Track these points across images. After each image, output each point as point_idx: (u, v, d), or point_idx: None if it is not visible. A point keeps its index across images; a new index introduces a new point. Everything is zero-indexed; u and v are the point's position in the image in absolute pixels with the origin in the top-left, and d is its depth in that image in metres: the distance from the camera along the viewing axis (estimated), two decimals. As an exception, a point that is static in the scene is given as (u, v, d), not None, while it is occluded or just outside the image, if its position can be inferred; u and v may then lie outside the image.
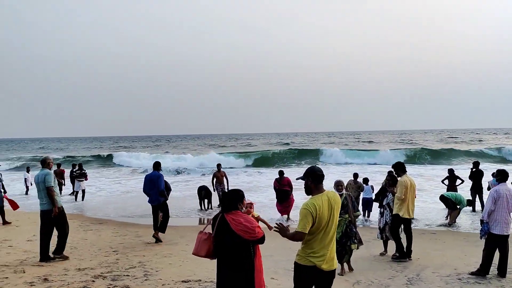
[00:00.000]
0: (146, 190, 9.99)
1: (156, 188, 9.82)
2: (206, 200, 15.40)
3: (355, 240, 7.42)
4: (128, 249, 8.98)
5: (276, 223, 4.10)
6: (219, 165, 16.21)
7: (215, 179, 15.69)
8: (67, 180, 19.89)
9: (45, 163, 8.14)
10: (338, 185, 7.47)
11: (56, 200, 7.86)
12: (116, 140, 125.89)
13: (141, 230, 11.55)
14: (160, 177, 9.89)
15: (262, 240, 4.10)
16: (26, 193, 20.47)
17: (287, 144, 68.18)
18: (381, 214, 8.88)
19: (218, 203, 15.16)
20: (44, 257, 7.84)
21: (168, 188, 12.71)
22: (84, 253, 8.60)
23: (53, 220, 7.92)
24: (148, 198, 10.09)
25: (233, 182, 20.01)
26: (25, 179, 20.99)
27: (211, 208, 15.22)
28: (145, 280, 6.62)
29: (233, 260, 4.04)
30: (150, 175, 10.04)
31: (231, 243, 4.03)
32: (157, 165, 10.20)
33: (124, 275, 6.85)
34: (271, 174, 25.59)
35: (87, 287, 6.18)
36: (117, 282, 6.46)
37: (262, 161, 38.98)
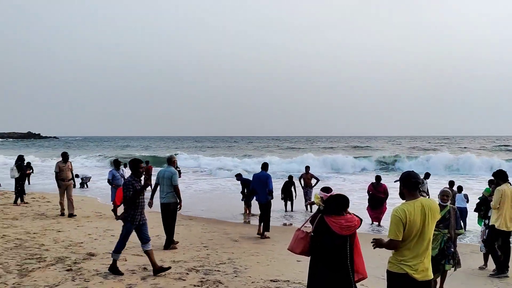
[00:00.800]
0: (254, 188, 10.80)
1: (264, 187, 10.54)
2: (289, 202, 15.51)
3: (452, 261, 6.52)
4: (218, 246, 9.30)
5: (372, 241, 3.97)
6: (307, 168, 16.32)
7: (302, 181, 15.79)
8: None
9: (170, 161, 9.09)
10: (444, 195, 6.62)
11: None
12: (199, 140, 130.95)
13: (228, 227, 11.90)
14: (268, 178, 10.63)
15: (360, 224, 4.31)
16: None
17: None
18: (486, 225, 8.30)
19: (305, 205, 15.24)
20: (169, 244, 8.82)
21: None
22: (177, 246, 9.07)
23: (171, 213, 8.77)
24: (256, 196, 10.86)
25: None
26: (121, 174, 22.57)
27: (292, 210, 15.31)
28: (235, 276, 6.81)
29: (333, 261, 4.05)
30: (259, 174, 10.82)
31: (331, 245, 4.04)
32: (265, 166, 11.01)
33: (215, 270, 7.11)
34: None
35: (182, 279, 6.51)
36: (209, 276, 6.73)
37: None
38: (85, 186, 22.23)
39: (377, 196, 12.95)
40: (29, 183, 22.43)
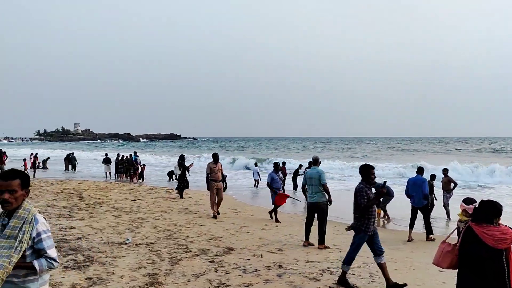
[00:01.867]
0: (409, 192, 10.79)
1: (420, 191, 10.56)
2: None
3: None
4: (351, 249, 9.11)
5: None
6: (445, 170, 15.10)
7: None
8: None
9: (316, 161, 9.50)
10: None
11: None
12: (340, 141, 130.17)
13: (361, 231, 11.59)
14: (424, 182, 10.61)
15: None
16: (255, 186, 22.90)
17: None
18: None
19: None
20: (306, 240, 9.17)
21: (389, 194, 12.48)
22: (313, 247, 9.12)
23: (318, 211, 9.07)
24: (410, 199, 10.82)
25: None
26: (254, 172, 23.52)
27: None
28: (371, 282, 6.60)
29: (484, 271, 3.68)
30: (414, 179, 10.85)
31: (479, 256, 3.67)
32: (421, 170, 11.00)
33: (349, 273, 6.97)
34: None
35: (316, 279, 6.53)
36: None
37: None
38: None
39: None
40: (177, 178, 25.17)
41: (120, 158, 27.54)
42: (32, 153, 32.99)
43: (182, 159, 17.36)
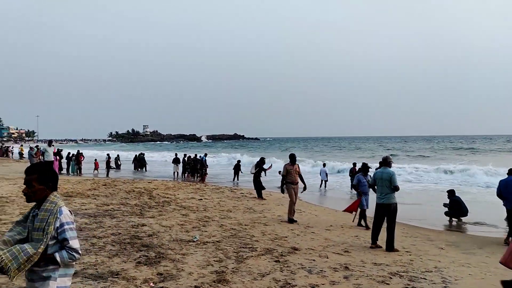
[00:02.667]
0: (502, 194, 10.23)
1: None
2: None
3: None
4: (421, 252, 8.75)
5: None
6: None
7: None
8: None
9: (386, 161, 9.20)
10: None
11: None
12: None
13: (432, 234, 11.11)
14: None
15: None
16: (323, 186, 22.68)
17: None
18: None
19: None
20: (374, 242, 8.97)
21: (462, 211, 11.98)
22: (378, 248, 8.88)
23: (387, 213, 8.83)
24: (503, 202, 10.26)
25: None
26: (322, 172, 23.27)
27: None
28: (444, 287, 6.29)
29: None
30: (506, 180, 10.26)
31: None
32: None
33: (420, 278, 6.70)
34: None
35: (385, 282, 6.33)
36: (414, 283, 6.38)
37: None
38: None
39: None
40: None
41: (187, 158, 28.57)
42: (108, 154, 35.04)
43: (262, 161, 17.68)
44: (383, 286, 6.16)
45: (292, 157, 12.12)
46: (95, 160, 32.14)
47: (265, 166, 17.95)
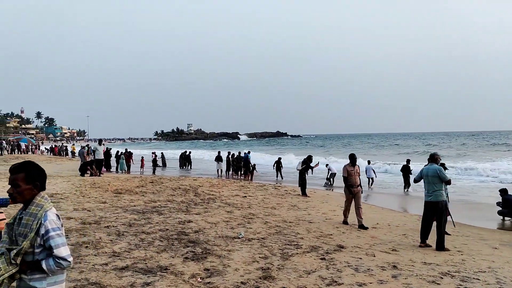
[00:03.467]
0: None
1: None
2: None
3: None
4: (473, 251, 8.42)
5: None
6: None
7: None
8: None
9: (433, 158, 9.03)
10: None
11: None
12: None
13: (485, 233, 10.66)
14: None
15: None
16: (370, 184, 22.25)
17: None
18: None
19: None
20: (423, 241, 8.74)
21: None
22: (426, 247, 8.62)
23: (436, 211, 8.60)
24: None
25: None
26: (368, 170, 22.83)
27: None
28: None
29: None
30: None
31: None
32: None
33: (473, 278, 6.45)
34: None
35: (436, 282, 6.14)
36: (466, 284, 6.14)
37: None
38: (331, 182, 23.23)
39: None
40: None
41: (231, 156, 28.86)
42: (153, 152, 36.00)
43: (309, 159, 17.67)
44: (434, 286, 5.97)
45: (352, 158, 11.29)
46: (142, 158, 32.98)
47: (311, 164, 17.83)
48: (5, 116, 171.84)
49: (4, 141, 52.02)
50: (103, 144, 24.05)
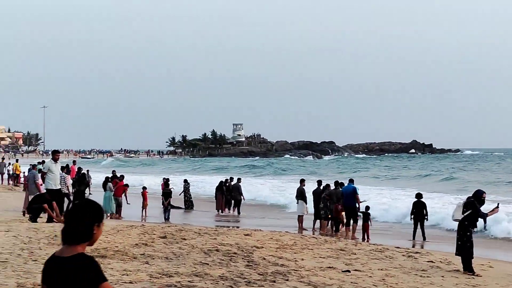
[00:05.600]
0: None
1: None
2: None
3: None
4: None
5: None
6: None
7: None
8: None
9: None
10: None
11: None
12: None
13: None
14: None
15: None
16: None
17: None
18: None
19: None
20: None
21: None
22: None
23: None
24: None
25: None
26: None
27: None
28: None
29: None
30: None
31: None
32: None
33: None
34: None
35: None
36: None
37: None
38: None
39: None
40: None
41: (321, 188, 16.72)
42: (165, 178, 22.62)
43: (478, 198, 9.34)
44: None
45: None
46: (143, 190, 19.67)
47: (484, 209, 9.46)
48: None
49: None
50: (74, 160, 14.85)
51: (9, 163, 33.43)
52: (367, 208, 15.17)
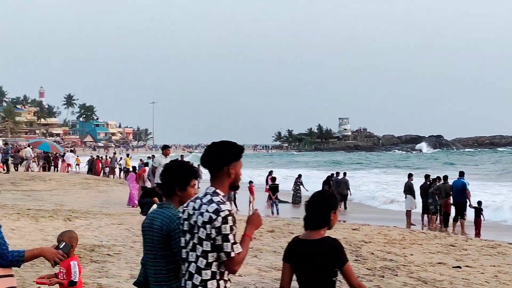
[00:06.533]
0: None
1: None
2: None
3: None
4: None
5: None
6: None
7: None
8: None
9: None
10: None
11: None
12: None
13: None
14: None
15: None
16: None
17: None
18: None
19: None
20: None
21: None
22: None
23: None
24: None
25: None
26: None
27: None
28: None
29: None
30: None
31: None
32: None
33: None
34: None
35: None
36: None
37: None
38: None
39: None
40: None
41: (431, 181, 16.10)
42: (271, 172, 22.09)
43: None
44: None
45: None
46: (250, 183, 18.72)
47: None
48: (13, 102, 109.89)
49: (11, 147, 35.40)
50: (182, 155, 14.65)
51: (121, 158, 36.61)
52: (479, 203, 14.46)
